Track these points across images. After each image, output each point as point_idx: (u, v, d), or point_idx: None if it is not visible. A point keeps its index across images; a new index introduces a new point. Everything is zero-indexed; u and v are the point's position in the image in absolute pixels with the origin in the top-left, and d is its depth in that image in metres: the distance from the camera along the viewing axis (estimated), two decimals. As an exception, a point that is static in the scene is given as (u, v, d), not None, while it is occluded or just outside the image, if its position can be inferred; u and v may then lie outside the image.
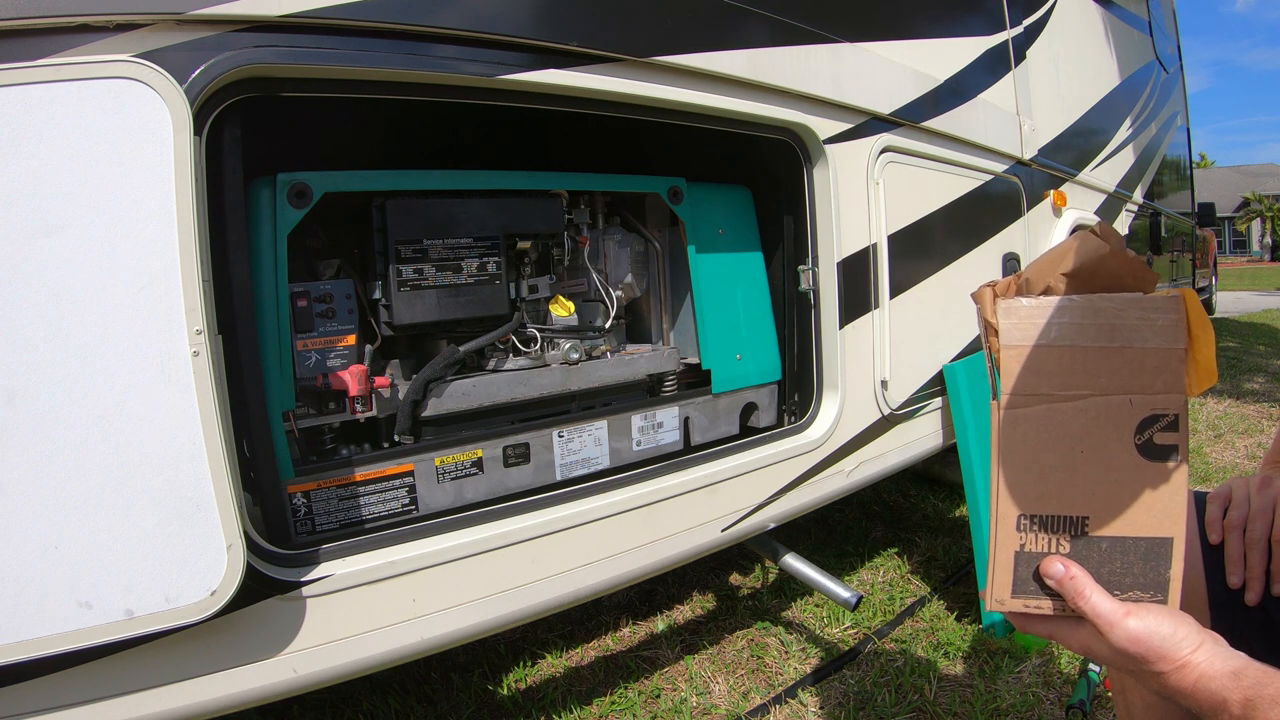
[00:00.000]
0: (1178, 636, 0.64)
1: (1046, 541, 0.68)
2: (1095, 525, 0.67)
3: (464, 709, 1.70)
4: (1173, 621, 0.65)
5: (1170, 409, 0.66)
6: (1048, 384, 0.67)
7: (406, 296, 1.29)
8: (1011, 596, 0.69)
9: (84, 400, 0.83)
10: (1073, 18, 3.09)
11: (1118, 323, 0.66)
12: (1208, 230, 9.61)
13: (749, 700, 1.72)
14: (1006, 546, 0.69)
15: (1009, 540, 0.68)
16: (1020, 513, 0.68)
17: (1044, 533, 0.68)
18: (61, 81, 0.82)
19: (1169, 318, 0.66)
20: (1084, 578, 0.67)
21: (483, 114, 1.34)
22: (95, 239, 0.84)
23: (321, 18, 1.00)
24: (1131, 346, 0.66)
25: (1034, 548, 0.68)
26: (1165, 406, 0.66)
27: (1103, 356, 0.66)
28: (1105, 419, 0.67)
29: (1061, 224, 2.83)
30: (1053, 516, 0.68)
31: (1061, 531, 0.68)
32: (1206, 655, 0.63)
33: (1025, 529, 0.68)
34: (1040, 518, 0.68)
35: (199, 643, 0.95)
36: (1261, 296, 15.11)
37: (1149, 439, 0.66)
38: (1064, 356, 0.67)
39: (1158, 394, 0.66)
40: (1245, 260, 40.33)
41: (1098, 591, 0.66)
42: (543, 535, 1.25)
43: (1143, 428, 0.66)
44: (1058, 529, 0.68)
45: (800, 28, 1.62)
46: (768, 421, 1.78)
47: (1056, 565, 0.67)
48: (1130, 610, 0.65)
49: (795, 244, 1.75)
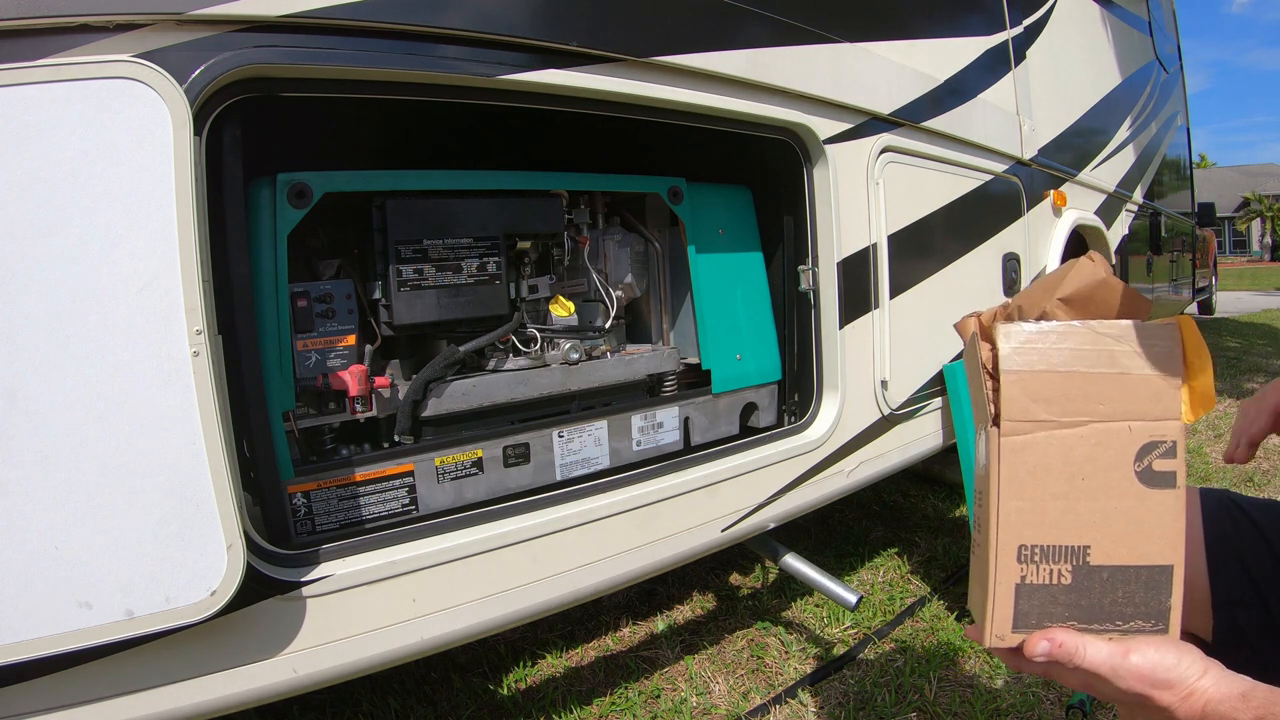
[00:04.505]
0: (1182, 666, 0.63)
1: (1048, 572, 0.66)
2: (1097, 555, 0.66)
3: (464, 709, 1.70)
4: (1176, 651, 0.64)
5: (1168, 435, 0.66)
6: (1048, 410, 0.66)
7: (406, 296, 1.29)
8: (1013, 631, 0.67)
9: (84, 400, 0.83)
10: (1073, 18, 3.09)
11: (1117, 349, 0.66)
12: (1208, 230, 9.61)
13: (749, 700, 1.72)
14: (1007, 579, 0.66)
15: (1009, 572, 0.66)
16: (1021, 543, 0.66)
17: (1046, 563, 0.66)
18: (61, 81, 0.82)
19: (1166, 345, 0.66)
20: (1071, 641, 0.66)
21: (483, 114, 1.34)
22: (95, 239, 0.84)
23: (321, 18, 1.00)
24: (1130, 373, 0.65)
25: (1035, 579, 0.66)
26: (1163, 434, 0.66)
27: (1103, 383, 0.65)
28: (1105, 446, 0.66)
29: (1061, 224, 2.83)
30: (1054, 546, 0.66)
31: (1063, 561, 0.66)
32: (1213, 680, 0.62)
33: (1026, 560, 0.66)
34: (1042, 548, 0.66)
35: (199, 643, 0.95)
36: (1261, 296, 15.11)
37: (1148, 465, 0.66)
38: (1065, 383, 0.66)
39: (1156, 420, 0.65)
40: (1245, 260, 40.33)
41: (1090, 644, 0.65)
42: (543, 535, 1.25)
43: (1142, 454, 0.66)
44: (1059, 559, 0.66)
45: (800, 27, 1.62)
46: (768, 421, 1.78)
47: (1041, 644, 0.66)
48: (1130, 648, 0.64)
49: (795, 244, 1.75)
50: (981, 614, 0.68)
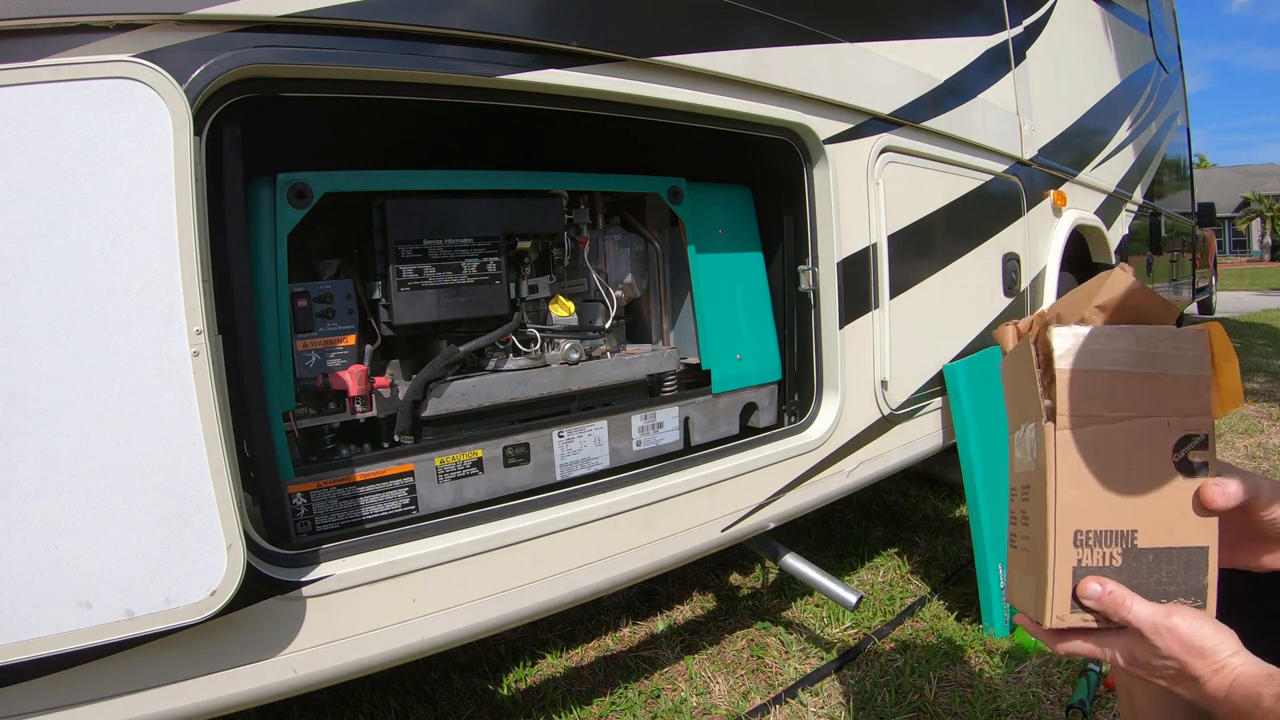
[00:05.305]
0: (1218, 638, 0.67)
1: (1102, 555, 0.72)
2: (1144, 538, 0.72)
3: (464, 709, 1.70)
4: (1214, 626, 0.69)
5: (1201, 430, 0.72)
6: (1099, 406, 0.72)
7: (406, 296, 1.29)
8: (1070, 613, 0.72)
9: (84, 400, 0.83)
10: (1073, 18, 3.09)
11: (1155, 352, 0.72)
12: (1208, 230, 9.61)
13: (749, 700, 1.72)
14: (1065, 563, 0.72)
15: (1067, 556, 0.72)
16: (1077, 529, 0.72)
17: (1099, 547, 0.72)
18: (62, 81, 0.82)
19: (1198, 348, 0.72)
20: (1120, 590, 0.70)
21: (483, 114, 1.34)
22: (95, 239, 0.84)
23: (321, 18, 1.00)
24: (1167, 374, 0.72)
25: (1090, 562, 0.72)
26: (1197, 428, 0.72)
27: (1144, 382, 0.72)
28: (1147, 439, 0.72)
29: (1061, 224, 2.83)
30: (1107, 531, 0.72)
31: (1114, 545, 0.72)
32: (1244, 660, 0.66)
33: (1082, 544, 0.72)
34: (1096, 533, 0.72)
35: (199, 643, 0.95)
36: (1261, 296, 15.10)
37: (1184, 457, 0.72)
38: (1113, 382, 0.72)
39: (1190, 416, 0.72)
40: (1245, 260, 40.30)
41: (1137, 600, 0.70)
42: (543, 535, 1.25)
43: (1179, 446, 0.72)
44: (1111, 543, 0.72)
45: (800, 27, 1.62)
46: (768, 421, 1.78)
47: (1093, 585, 0.71)
48: (1173, 610, 0.69)
49: (795, 244, 1.75)
50: (1040, 598, 0.74)
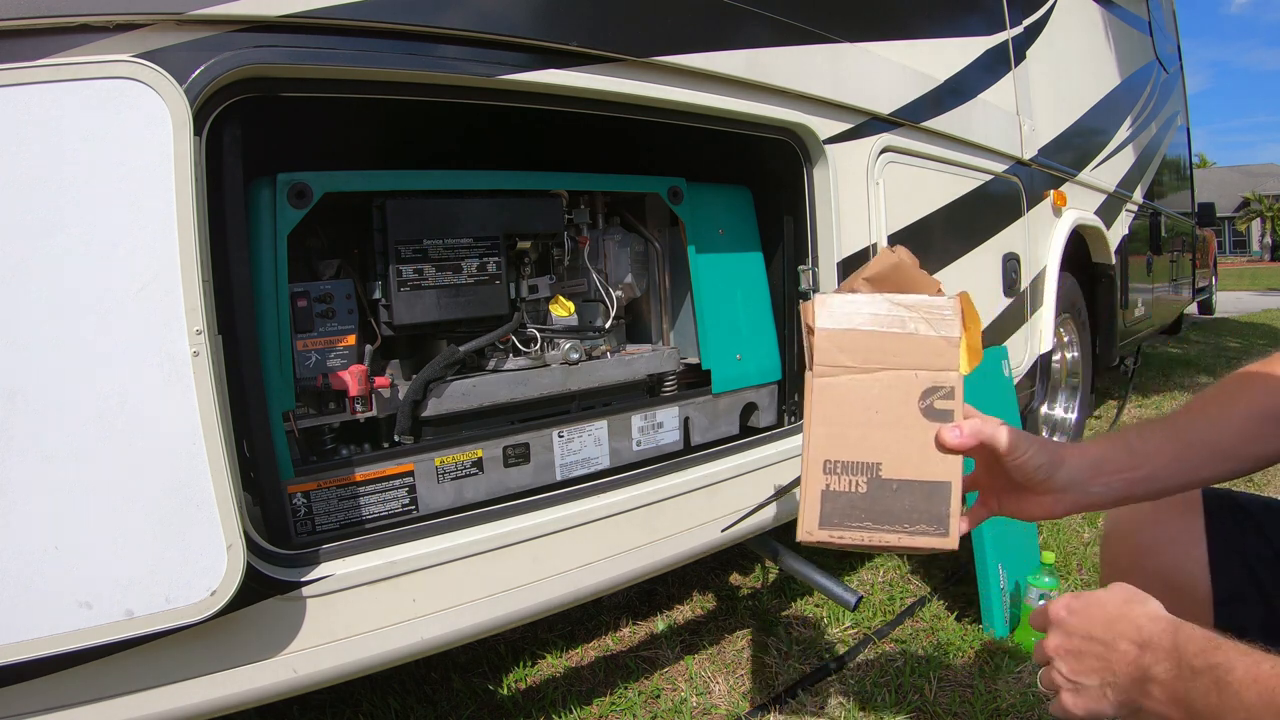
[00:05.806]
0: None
1: (849, 482, 0.83)
2: (887, 470, 0.83)
3: (464, 709, 1.70)
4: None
5: (947, 383, 0.83)
6: (851, 359, 0.84)
7: (406, 296, 1.29)
8: (819, 529, 0.83)
9: (84, 400, 0.83)
10: (1073, 18, 3.10)
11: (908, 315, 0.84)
12: (1208, 230, 9.61)
13: (749, 700, 1.72)
14: (814, 485, 0.83)
15: (817, 480, 0.83)
16: (826, 458, 0.83)
17: (846, 475, 0.83)
18: (61, 81, 0.82)
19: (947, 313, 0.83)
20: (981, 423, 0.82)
21: (483, 114, 1.34)
22: (95, 239, 0.84)
23: (321, 18, 1.00)
24: (919, 334, 0.83)
25: (837, 487, 0.83)
26: (943, 381, 0.83)
27: (896, 340, 0.83)
28: (895, 388, 0.83)
29: (1061, 224, 2.83)
30: (853, 462, 0.83)
31: (859, 474, 0.83)
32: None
33: (831, 471, 0.83)
34: (843, 463, 0.83)
35: (199, 643, 0.95)
36: (1261, 296, 15.10)
37: (930, 404, 0.83)
38: (865, 339, 0.84)
39: (938, 370, 0.83)
40: (1245, 260, 40.29)
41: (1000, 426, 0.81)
42: (543, 535, 1.25)
43: (925, 395, 0.83)
44: (856, 472, 0.83)
45: (800, 27, 1.62)
46: (768, 421, 1.78)
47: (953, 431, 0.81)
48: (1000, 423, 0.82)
49: (795, 244, 1.75)
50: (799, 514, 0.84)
